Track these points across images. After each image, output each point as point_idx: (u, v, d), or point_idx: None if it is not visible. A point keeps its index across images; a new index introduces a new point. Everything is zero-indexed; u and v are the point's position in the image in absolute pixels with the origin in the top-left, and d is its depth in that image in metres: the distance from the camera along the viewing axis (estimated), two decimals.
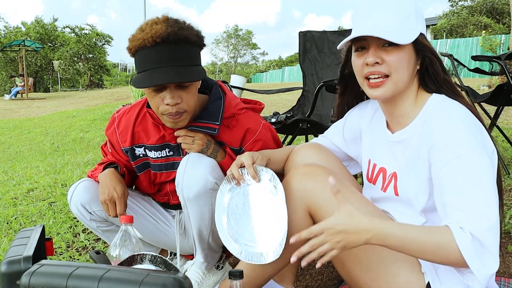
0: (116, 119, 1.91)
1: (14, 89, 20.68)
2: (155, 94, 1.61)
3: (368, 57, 1.32)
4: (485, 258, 1.15)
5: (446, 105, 1.32)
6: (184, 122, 1.68)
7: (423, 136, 1.32)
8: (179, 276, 1.12)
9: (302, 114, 3.34)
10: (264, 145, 1.80)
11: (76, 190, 1.83)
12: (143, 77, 1.58)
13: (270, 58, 49.50)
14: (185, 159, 1.72)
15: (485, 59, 3.95)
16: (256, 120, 1.83)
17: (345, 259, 1.44)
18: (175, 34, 1.55)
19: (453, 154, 1.22)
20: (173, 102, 1.59)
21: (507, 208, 2.34)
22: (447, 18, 24.01)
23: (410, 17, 1.32)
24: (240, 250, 1.51)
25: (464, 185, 1.20)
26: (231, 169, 1.56)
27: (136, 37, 1.57)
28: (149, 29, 1.55)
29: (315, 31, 3.59)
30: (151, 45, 1.54)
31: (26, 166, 5.12)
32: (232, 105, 1.79)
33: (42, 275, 1.14)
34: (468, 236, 1.14)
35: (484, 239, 1.15)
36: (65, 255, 2.44)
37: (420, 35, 1.32)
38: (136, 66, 1.63)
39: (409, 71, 1.34)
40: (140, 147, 1.87)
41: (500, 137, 3.67)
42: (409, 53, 1.33)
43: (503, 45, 16.14)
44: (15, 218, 3.01)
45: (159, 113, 1.65)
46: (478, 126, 1.29)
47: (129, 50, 1.62)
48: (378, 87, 1.34)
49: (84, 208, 1.82)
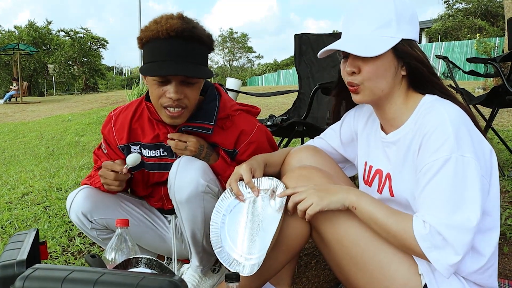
0: (113, 117, 1.90)
1: (8, 93, 20.59)
2: (158, 86, 1.62)
3: (347, 66, 1.37)
4: (444, 250, 1.21)
5: (438, 104, 1.33)
6: (182, 119, 1.69)
7: (415, 134, 1.33)
8: (175, 279, 1.11)
9: (298, 116, 3.34)
10: (258, 148, 1.79)
11: (76, 199, 1.79)
12: (152, 66, 1.59)
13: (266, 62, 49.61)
14: (176, 162, 1.71)
15: (480, 61, 3.97)
16: (250, 122, 1.82)
17: (342, 261, 1.43)
18: (189, 31, 1.57)
19: (436, 155, 1.24)
20: (175, 97, 1.60)
21: (503, 209, 2.34)
22: (442, 21, 24.12)
23: (390, 24, 1.33)
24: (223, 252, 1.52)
25: (437, 184, 1.24)
26: (230, 183, 1.56)
27: (150, 28, 1.59)
28: (164, 22, 1.57)
29: (310, 34, 3.59)
30: (164, 37, 1.56)
31: (21, 170, 5.10)
32: (227, 106, 1.79)
33: (36, 279, 1.13)
34: (427, 229, 1.22)
35: (447, 234, 1.20)
36: (60, 259, 2.42)
37: (401, 41, 1.33)
38: (145, 56, 1.64)
39: (386, 79, 1.35)
40: (136, 145, 1.86)
41: (495, 139, 3.69)
42: (387, 62, 1.34)
43: (497, 48, 16.23)
44: (9, 222, 2.99)
45: (158, 105, 1.66)
46: (469, 125, 1.29)
47: (140, 40, 1.64)
48: (356, 93, 1.39)
49: (85, 217, 1.79)
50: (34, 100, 20.59)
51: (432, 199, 1.24)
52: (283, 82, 29.11)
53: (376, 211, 1.32)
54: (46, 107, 16.23)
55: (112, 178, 1.73)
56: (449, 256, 1.21)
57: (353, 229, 1.39)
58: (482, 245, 1.31)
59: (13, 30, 29.79)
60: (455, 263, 1.21)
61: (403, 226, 1.27)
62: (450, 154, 1.22)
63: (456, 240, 1.20)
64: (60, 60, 28.04)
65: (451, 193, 1.22)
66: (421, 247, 1.23)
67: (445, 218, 1.21)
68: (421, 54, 1.37)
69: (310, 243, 2.26)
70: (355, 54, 1.31)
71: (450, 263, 1.21)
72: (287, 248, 1.51)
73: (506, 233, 2.12)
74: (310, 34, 3.59)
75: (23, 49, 22.34)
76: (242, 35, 48.56)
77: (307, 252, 2.24)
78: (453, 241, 1.20)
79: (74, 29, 29.75)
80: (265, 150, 1.81)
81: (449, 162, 1.22)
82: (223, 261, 1.50)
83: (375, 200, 1.36)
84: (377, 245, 1.36)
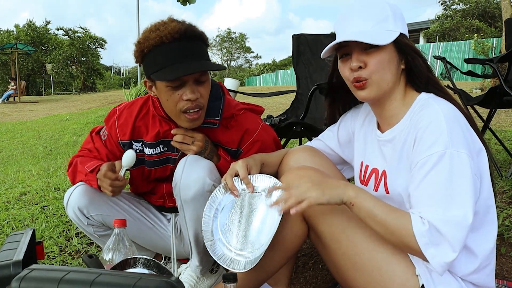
0: (117, 112, 1.89)
1: (6, 93, 20.54)
2: (173, 92, 1.61)
3: (352, 62, 1.37)
4: (442, 247, 1.21)
5: (432, 101, 1.34)
6: (200, 120, 1.69)
7: (409, 130, 1.34)
8: (172, 280, 1.11)
9: (296, 117, 3.34)
10: (262, 147, 1.80)
11: (73, 194, 1.80)
12: (166, 72, 1.58)
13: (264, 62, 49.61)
14: (182, 161, 1.72)
15: (477, 62, 3.97)
16: (255, 121, 1.83)
17: (339, 262, 1.43)
18: (191, 31, 1.60)
19: (431, 150, 1.25)
20: (194, 97, 1.61)
21: (500, 210, 2.35)
22: (440, 22, 24.16)
23: (388, 20, 1.36)
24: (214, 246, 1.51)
25: (433, 180, 1.24)
26: (226, 178, 1.56)
27: (150, 37, 1.59)
28: (163, 27, 1.58)
29: (308, 34, 3.59)
30: (169, 41, 1.57)
31: (19, 170, 5.09)
32: (231, 106, 1.80)
33: (33, 280, 1.12)
34: (426, 225, 1.21)
35: (445, 230, 1.20)
36: (57, 259, 2.41)
37: (400, 35, 1.36)
38: (150, 65, 1.62)
39: (391, 71, 1.37)
40: (138, 142, 1.86)
41: (493, 139, 3.69)
42: (390, 54, 1.36)
43: (495, 49, 16.25)
44: (7, 222, 2.98)
45: (176, 111, 1.65)
46: (463, 123, 1.30)
47: (140, 52, 1.62)
48: (363, 88, 1.39)
49: (81, 212, 1.80)
50: (32, 99, 20.56)
51: (429, 194, 1.24)
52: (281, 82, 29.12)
53: (375, 207, 1.30)
54: (44, 107, 16.20)
55: (108, 184, 1.70)
56: (446, 252, 1.21)
57: (351, 230, 1.39)
58: (474, 244, 1.32)
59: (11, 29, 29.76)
60: (451, 260, 1.21)
61: (402, 223, 1.26)
62: (445, 149, 1.23)
63: (453, 237, 1.20)
64: (58, 60, 27.98)
65: (447, 189, 1.22)
66: (419, 243, 1.22)
67: (442, 214, 1.21)
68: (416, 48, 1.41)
69: (308, 244, 2.26)
70: (369, 42, 1.31)
71: (446, 260, 1.21)
72: (284, 249, 1.51)
73: (503, 233, 2.12)
74: (308, 34, 3.59)
75: (21, 49, 22.30)
76: (240, 35, 48.56)
77: (304, 253, 2.24)
78: (451, 237, 1.20)
79: (73, 28, 29.71)
80: (270, 149, 1.80)
81: (445, 157, 1.23)
82: (214, 255, 1.49)
83: (373, 196, 1.36)
84: (374, 246, 1.36)
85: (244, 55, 49.61)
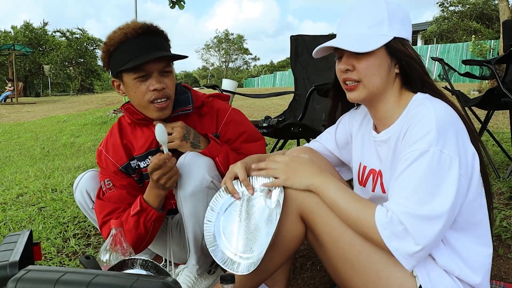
0: (103, 147, 1.91)
1: (3, 94, 20.51)
2: (140, 84, 1.70)
3: (341, 64, 1.40)
4: (405, 240, 1.22)
5: (427, 101, 1.35)
6: (168, 110, 1.76)
7: (402, 130, 1.35)
8: (169, 281, 1.11)
9: (294, 118, 3.34)
10: (237, 125, 1.88)
11: (84, 178, 1.90)
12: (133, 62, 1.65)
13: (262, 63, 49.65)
14: (182, 158, 1.73)
15: (475, 63, 3.99)
16: (224, 104, 1.94)
17: (337, 263, 1.43)
18: (153, 27, 1.71)
19: (415, 146, 1.26)
20: (160, 87, 1.69)
21: (498, 211, 2.35)
22: (438, 23, 24.21)
23: (383, 23, 1.36)
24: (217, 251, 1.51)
25: (408, 174, 1.25)
26: (226, 181, 1.56)
27: (115, 35, 1.69)
28: (127, 26, 1.70)
29: (306, 35, 3.60)
30: (133, 36, 1.67)
31: (16, 171, 5.08)
32: (199, 95, 1.90)
33: (29, 281, 1.12)
34: (388, 217, 1.23)
35: (408, 224, 1.21)
36: (55, 260, 2.41)
37: (394, 39, 1.36)
38: (117, 62, 1.70)
39: (381, 76, 1.38)
40: (133, 159, 1.88)
41: (491, 141, 3.70)
42: (381, 58, 1.36)
43: (493, 50, 16.29)
44: (4, 223, 2.98)
45: (145, 103, 1.72)
46: (456, 124, 1.30)
47: (107, 52, 1.72)
48: (352, 90, 1.41)
49: (88, 195, 1.87)
50: (29, 100, 20.53)
51: (402, 188, 1.26)
52: (279, 84, 29.16)
53: (338, 197, 1.35)
54: (41, 108, 16.18)
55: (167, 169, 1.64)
56: (408, 245, 1.22)
57: (349, 231, 1.39)
58: (459, 244, 1.32)
59: (9, 30, 29.68)
60: (414, 252, 1.22)
61: (364, 214, 1.29)
62: (429, 147, 1.23)
63: (417, 230, 1.21)
64: (56, 61, 27.93)
65: (420, 185, 1.23)
66: (381, 235, 1.24)
67: (411, 207, 1.22)
68: (413, 52, 1.41)
69: (306, 245, 2.26)
70: (347, 49, 1.34)
71: (409, 253, 1.22)
72: (282, 249, 1.50)
73: (501, 235, 2.13)
74: (306, 35, 3.60)
75: (18, 50, 22.27)
76: (238, 36, 48.60)
77: (302, 254, 2.24)
78: (414, 231, 1.21)
79: (71, 29, 29.67)
80: (245, 125, 1.90)
81: (426, 154, 1.23)
82: (217, 260, 1.49)
83: (341, 187, 1.38)
84: (372, 247, 1.36)
85: (242, 56, 49.68)
